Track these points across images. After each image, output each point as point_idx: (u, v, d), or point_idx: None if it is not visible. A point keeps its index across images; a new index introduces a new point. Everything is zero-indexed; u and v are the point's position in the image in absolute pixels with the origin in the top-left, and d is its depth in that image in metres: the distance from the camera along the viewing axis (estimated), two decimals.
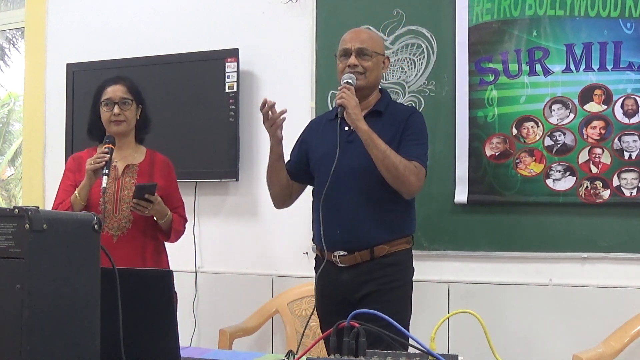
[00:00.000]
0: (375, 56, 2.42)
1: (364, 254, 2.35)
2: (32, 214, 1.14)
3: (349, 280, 2.37)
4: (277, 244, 3.41)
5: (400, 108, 2.53)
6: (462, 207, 3.01)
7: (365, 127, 2.28)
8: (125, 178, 2.67)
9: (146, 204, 2.56)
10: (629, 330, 2.67)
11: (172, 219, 2.69)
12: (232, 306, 3.41)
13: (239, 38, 3.46)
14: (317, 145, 2.50)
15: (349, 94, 2.31)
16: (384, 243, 2.36)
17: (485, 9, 3.00)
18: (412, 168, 2.31)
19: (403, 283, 2.41)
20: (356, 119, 2.29)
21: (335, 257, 2.37)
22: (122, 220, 2.61)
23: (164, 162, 2.79)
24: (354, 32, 2.48)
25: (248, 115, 3.46)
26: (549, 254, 2.92)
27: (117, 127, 2.66)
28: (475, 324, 1.46)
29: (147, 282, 1.53)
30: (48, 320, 1.16)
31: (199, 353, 1.94)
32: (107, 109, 2.65)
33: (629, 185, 2.80)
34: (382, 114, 2.42)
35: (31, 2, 4.04)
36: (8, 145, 11.45)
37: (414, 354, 1.32)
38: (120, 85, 2.69)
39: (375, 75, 2.44)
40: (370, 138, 2.27)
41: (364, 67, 2.40)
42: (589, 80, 2.86)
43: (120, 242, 2.60)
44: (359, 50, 2.40)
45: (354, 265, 2.37)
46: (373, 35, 2.55)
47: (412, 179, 2.31)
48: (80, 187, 2.58)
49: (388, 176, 2.29)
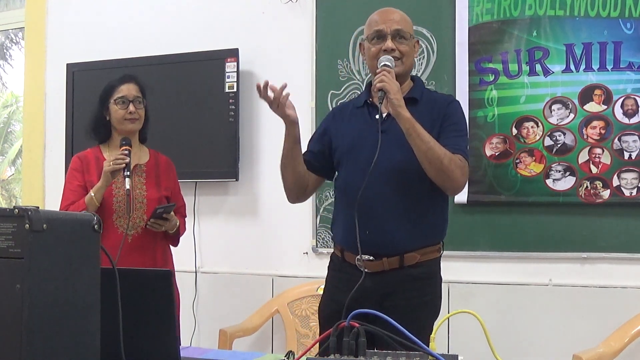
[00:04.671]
0: (411, 39, 2.19)
1: (392, 261, 2.11)
2: (32, 214, 1.13)
3: (372, 288, 2.09)
4: (277, 244, 3.41)
5: (436, 96, 2.29)
6: (462, 207, 3.01)
7: (407, 114, 2.02)
8: (134, 178, 2.69)
9: (162, 222, 2.63)
10: (629, 330, 2.67)
11: (179, 226, 2.75)
12: (232, 306, 3.41)
13: (239, 38, 3.46)
14: (343, 135, 2.25)
15: (390, 78, 2.05)
16: (416, 250, 2.13)
17: (485, 9, 3.00)
18: (457, 161, 2.07)
19: (433, 297, 2.19)
20: (398, 104, 2.02)
21: (360, 261, 2.10)
22: (136, 220, 2.64)
23: (167, 162, 2.83)
24: (385, 12, 2.21)
25: (248, 115, 3.46)
26: (549, 254, 2.92)
27: (132, 125, 2.68)
28: (475, 324, 1.46)
29: (147, 282, 1.53)
30: (48, 320, 1.16)
31: (199, 353, 1.94)
32: (121, 106, 2.66)
33: (629, 185, 2.80)
34: (418, 102, 2.18)
35: (31, 2, 4.04)
36: (9, 145, 11.45)
37: (414, 354, 1.32)
38: (133, 84, 2.71)
39: (411, 61, 2.21)
40: (413, 127, 2.02)
41: (401, 52, 2.15)
42: (589, 80, 2.86)
43: (135, 241, 2.63)
44: (395, 32, 2.16)
45: (379, 272, 2.12)
46: (404, 15, 2.25)
47: (458, 173, 2.07)
48: (96, 189, 2.57)
49: (431, 170, 2.05)
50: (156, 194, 2.70)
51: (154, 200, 2.67)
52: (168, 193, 2.75)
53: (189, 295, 3.47)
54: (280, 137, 2.20)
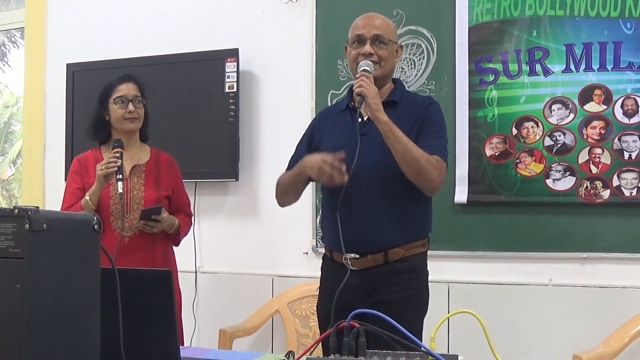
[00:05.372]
0: (390, 44, 2.27)
1: (377, 258, 2.19)
2: (32, 214, 1.13)
3: (359, 284, 2.18)
4: (277, 244, 3.41)
5: (416, 98, 2.38)
6: (462, 207, 3.01)
7: (385, 118, 2.12)
8: (133, 179, 2.69)
9: (154, 224, 2.62)
10: (629, 330, 2.67)
11: (180, 225, 2.75)
12: (232, 306, 3.41)
13: (239, 38, 3.46)
14: (328, 139, 2.33)
15: (368, 83, 2.15)
16: (399, 246, 2.20)
17: (485, 9, 3.00)
18: (434, 162, 2.16)
19: (419, 291, 2.26)
20: (376, 109, 2.12)
21: (347, 260, 2.19)
22: (133, 221, 2.63)
23: (169, 161, 2.81)
24: (367, 17, 2.31)
25: (248, 115, 3.46)
26: (549, 254, 2.92)
27: (132, 124, 2.68)
28: (475, 324, 1.46)
29: (147, 282, 1.53)
30: (48, 320, 1.16)
31: (199, 353, 1.94)
32: (120, 106, 2.66)
33: (629, 185, 2.80)
34: (398, 104, 2.27)
35: (31, 2, 4.04)
36: (9, 145, 11.46)
37: (414, 354, 1.32)
38: (132, 84, 2.71)
39: (390, 65, 2.29)
40: (391, 130, 2.12)
41: (379, 56, 2.24)
42: (589, 80, 2.86)
43: (132, 243, 2.63)
44: (375, 37, 2.24)
45: (366, 269, 2.20)
46: (387, 21, 2.35)
47: (435, 173, 2.16)
48: (91, 192, 2.58)
49: (409, 171, 2.14)
50: (154, 194, 2.69)
51: (152, 200, 2.66)
52: (169, 192, 2.74)
53: (189, 295, 3.47)
54: (280, 137, 2.22)
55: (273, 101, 3.44)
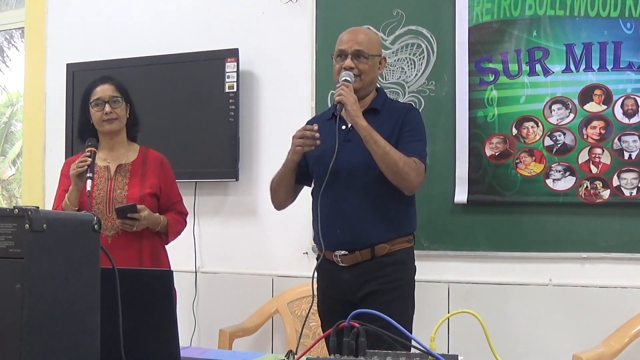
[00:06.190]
0: (371, 58, 2.41)
1: (364, 253, 2.35)
2: (32, 214, 1.14)
3: (350, 279, 2.36)
4: (277, 244, 3.41)
5: (397, 105, 2.54)
6: (462, 207, 3.01)
7: (364, 123, 2.28)
8: (117, 178, 2.68)
9: (132, 222, 2.58)
10: (629, 330, 2.67)
11: (168, 223, 2.71)
12: (232, 306, 3.41)
13: (239, 38, 3.46)
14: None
15: (347, 91, 2.31)
16: (385, 242, 2.35)
17: (485, 9, 3.00)
18: (411, 164, 2.30)
19: (404, 282, 2.41)
20: (355, 115, 2.29)
21: (336, 257, 2.37)
22: (115, 220, 2.61)
23: (157, 159, 2.78)
24: (351, 33, 2.45)
25: (248, 115, 3.46)
26: (549, 254, 2.92)
27: (110, 126, 2.67)
28: (475, 324, 1.46)
29: (147, 282, 1.54)
30: (48, 320, 1.16)
31: (199, 353, 1.94)
32: (97, 108, 2.66)
33: (629, 185, 2.80)
34: (379, 112, 2.42)
35: (31, 2, 4.04)
36: (10, 145, 11.45)
37: (414, 354, 1.32)
38: (109, 85, 2.70)
39: (371, 77, 2.43)
40: (370, 134, 2.27)
41: (360, 70, 2.38)
42: (589, 80, 2.86)
43: (115, 242, 2.61)
44: (356, 53, 2.38)
45: (355, 264, 2.36)
46: (371, 35, 2.51)
47: (412, 174, 2.31)
48: (69, 193, 2.60)
49: (388, 173, 2.29)
50: (138, 192, 2.66)
51: (134, 199, 2.63)
52: (154, 190, 2.69)
53: (189, 295, 3.47)
54: (280, 137, 2.24)
55: (273, 101, 3.44)
